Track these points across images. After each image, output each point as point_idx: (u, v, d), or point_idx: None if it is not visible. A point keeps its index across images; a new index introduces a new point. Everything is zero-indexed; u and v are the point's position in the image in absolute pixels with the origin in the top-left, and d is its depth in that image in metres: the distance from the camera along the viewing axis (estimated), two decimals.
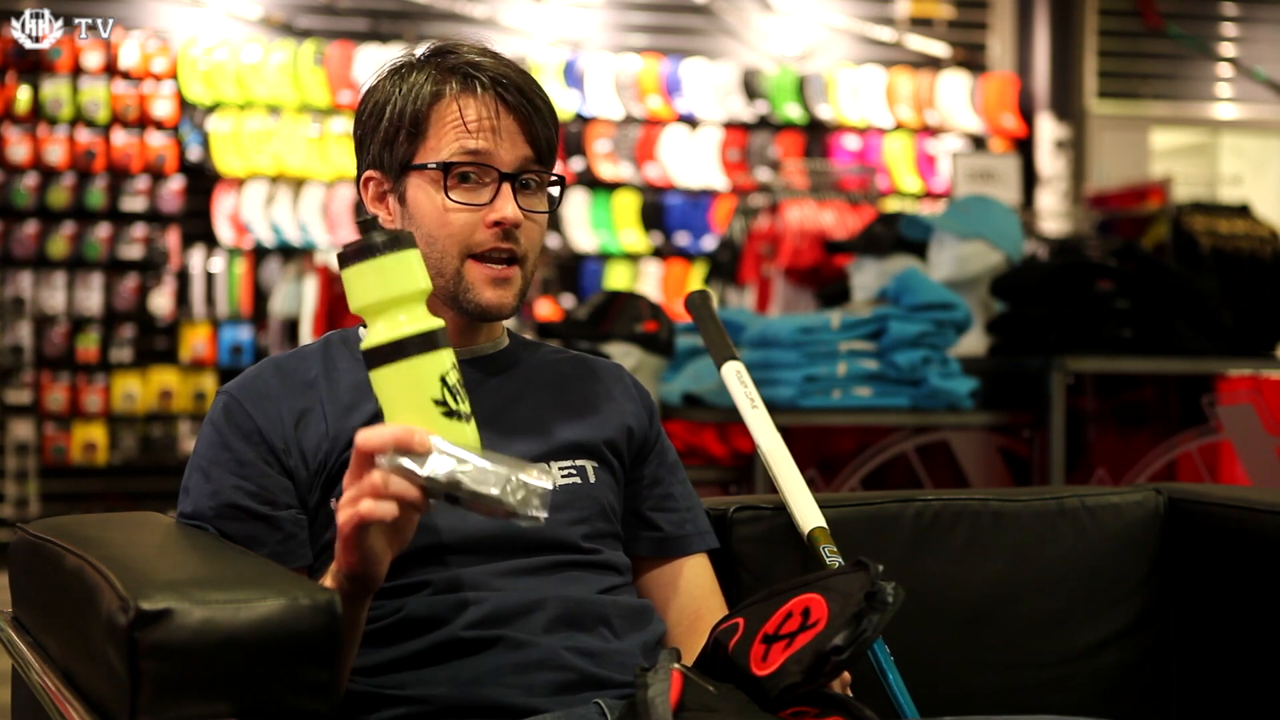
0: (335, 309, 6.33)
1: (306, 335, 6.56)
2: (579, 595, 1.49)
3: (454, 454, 1.26)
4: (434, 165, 1.50)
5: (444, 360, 1.30)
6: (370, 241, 1.30)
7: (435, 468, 1.25)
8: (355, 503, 1.26)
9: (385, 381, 1.30)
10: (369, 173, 1.56)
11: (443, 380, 1.29)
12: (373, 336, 1.30)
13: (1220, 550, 1.87)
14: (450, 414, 1.29)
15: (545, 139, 1.52)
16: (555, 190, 1.56)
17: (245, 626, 1.16)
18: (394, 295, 1.29)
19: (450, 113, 1.50)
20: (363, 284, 1.30)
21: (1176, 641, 1.91)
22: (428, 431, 1.26)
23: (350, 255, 1.30)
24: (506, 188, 1.50)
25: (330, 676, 1.20)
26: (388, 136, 1.52)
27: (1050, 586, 1.88)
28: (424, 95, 1.51)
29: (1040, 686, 1.85)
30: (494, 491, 1.25)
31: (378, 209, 1.55)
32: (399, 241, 1.30)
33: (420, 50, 1.56)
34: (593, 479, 1.56)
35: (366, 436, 1.26)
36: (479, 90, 1.50)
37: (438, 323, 1.30)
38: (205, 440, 1.51)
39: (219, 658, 1.15)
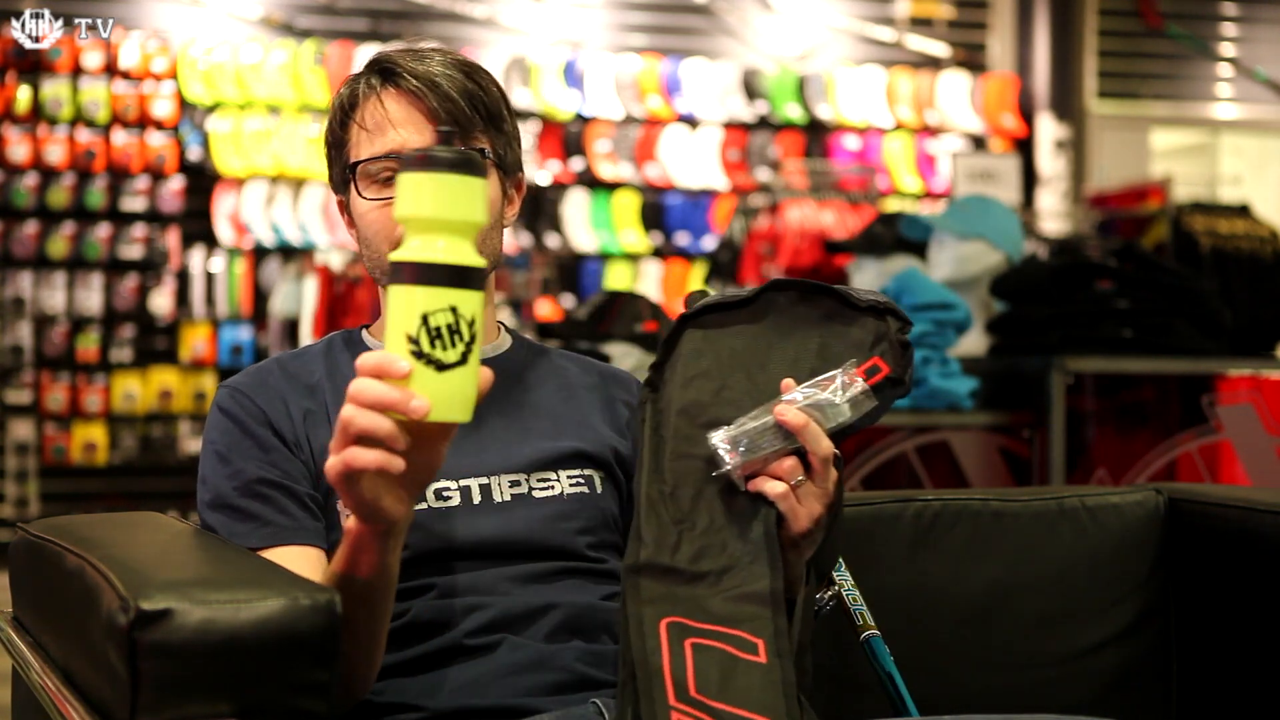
0: (335, 309, 6.33)
1: (306, 335, 6.56)
2: (583, 601, 1.49)
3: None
4: (347, 169, 1.52)
5: (439, 299, 1.18)
6: (433, 154, 1.19)
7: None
8: (338, 450, 1.21)
9: (388, 300, 1.22)
10: (336, 196, 1.59)
11: (424, 319, 1.18)
12: (398, 250, 1.21)
13: (1220, 550, 1.87)
14: (419, 355, 1.18)
15: (448, 113, 1.48)
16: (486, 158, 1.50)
17: (245, 626, 1.16)
18: (431, 216, 1.19)
19: (356, 121, 1.52)
20: (408, 195, 1.19)
21: (1176, 641, 1.91)
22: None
23: (409, 162, 1.20)
24: None
25: (331, 677, 1.20)
26: (329, 157, 1.56)
27: (1050, 586, 1.88)
28: (339, 111, 1.53)
29: (1040, 686, 1.85)
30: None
31: (347, 227, 1.58)
32: (466, 165, 1.19)
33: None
34: (599, 489, 1.56)
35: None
36: (367, 89, 1.51)
37: (458, 259, 1.18)
38: (219, 429, 1.51)
39: (219, 658, 1.15)
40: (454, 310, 1.19)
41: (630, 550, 1.34)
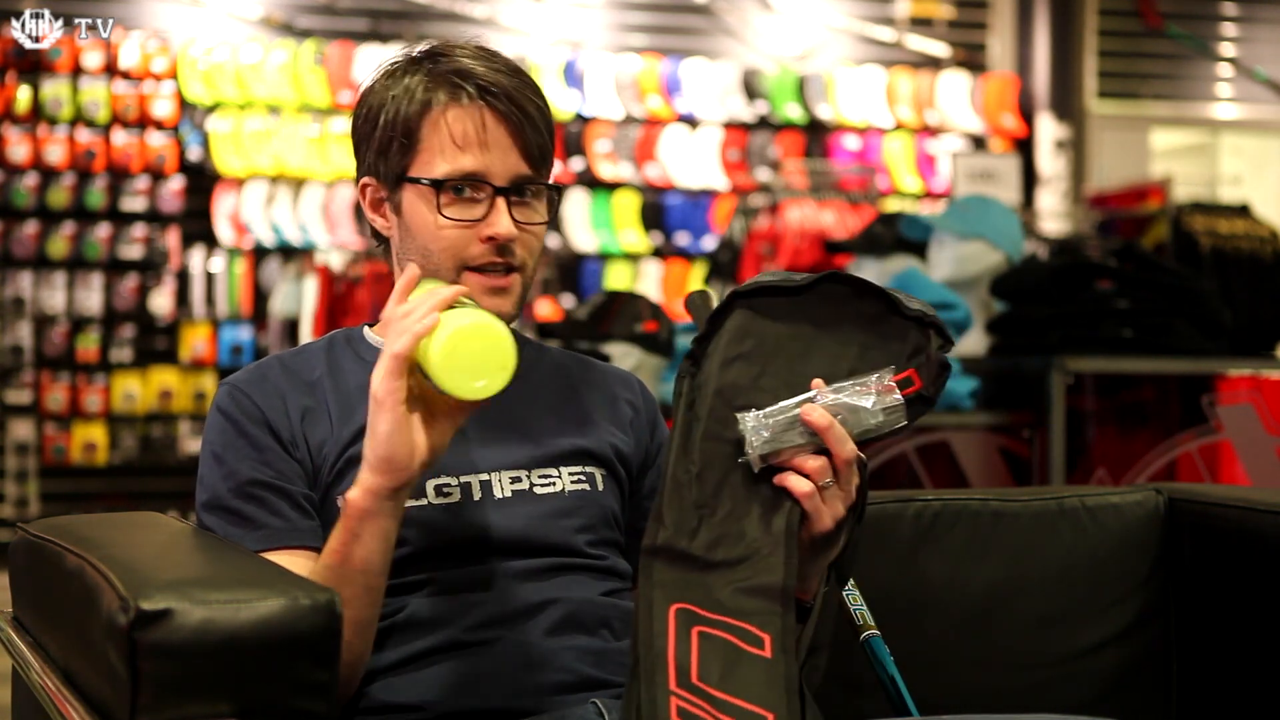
0: (335, 309, 6.33)
1: (306, 335, 6.55)
2: (583, 596, 1.49)
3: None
4: (426, 182, 1.48)
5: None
6: None
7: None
8: (398, 337, 1.34)
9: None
10: (366, 179, 1.54)
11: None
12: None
13: (1220, 550, 1.87)
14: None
15: (538, 147, 1.49)
16: (554, 195, 1.54)
17: (245, 626, 1.16)
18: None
19: (440, 126, 1.47)
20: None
21: (1176, 641, 1.91)
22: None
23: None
24: (500, 202, 1.47)
25: (330, 676, 1.20)
26: (382, 146, 1.50)
27: (1050, 586, 1.88)
28: (414, 105, 1.48)
29: (1040, 686, 1.85)
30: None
31: (375, 216, 1.55)
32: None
33: (416, 50, 1.53)
34: (600, 486, 1.56)
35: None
36: (467, 101, 1.47)
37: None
38: (216, 429, 1.50)
39: (219, 658, 1.15)
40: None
41: (650, 531, 1.33)
